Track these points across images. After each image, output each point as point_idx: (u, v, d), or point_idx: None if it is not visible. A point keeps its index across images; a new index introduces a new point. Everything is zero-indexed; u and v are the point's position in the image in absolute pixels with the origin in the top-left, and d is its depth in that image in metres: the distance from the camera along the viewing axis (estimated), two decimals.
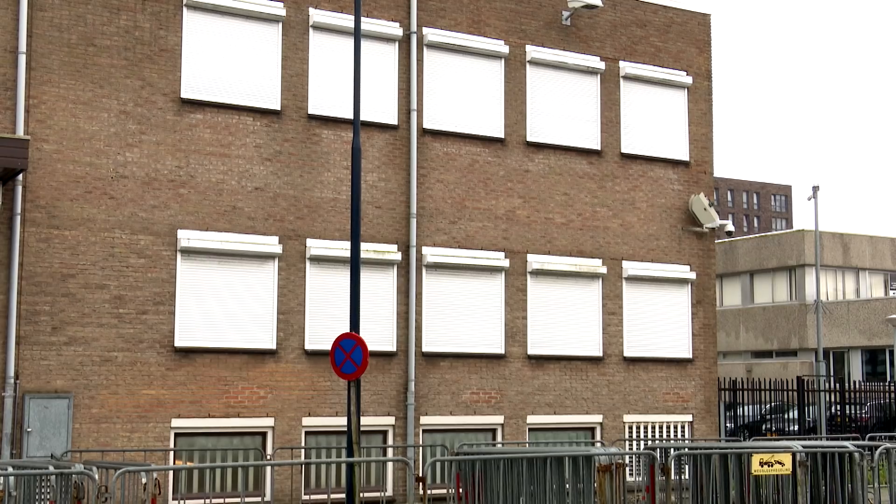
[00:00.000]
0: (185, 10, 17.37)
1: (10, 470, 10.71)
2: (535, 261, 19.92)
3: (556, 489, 12.43)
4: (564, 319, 20.25)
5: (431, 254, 18.97)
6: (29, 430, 15.59)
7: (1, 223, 15.71)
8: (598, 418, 20.31)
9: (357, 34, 14.99)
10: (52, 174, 16.15)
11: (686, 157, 21.91)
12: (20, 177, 15.77)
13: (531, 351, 19.76)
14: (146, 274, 16.67)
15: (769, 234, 50.61)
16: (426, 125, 19.28)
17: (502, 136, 19.96)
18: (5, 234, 15.74)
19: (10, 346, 15.63)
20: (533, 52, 20.31)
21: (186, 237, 16.95)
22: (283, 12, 18.07)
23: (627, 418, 20.63)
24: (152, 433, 16.45)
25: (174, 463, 16.39)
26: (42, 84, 16.21)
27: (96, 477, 10.36)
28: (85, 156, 16.40)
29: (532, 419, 19.64)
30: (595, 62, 20.94)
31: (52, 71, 16.29)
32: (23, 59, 16.05)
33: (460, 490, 13.88)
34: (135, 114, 16.80)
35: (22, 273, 15.81)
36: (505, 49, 20.03)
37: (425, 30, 19.35)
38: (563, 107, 20.70)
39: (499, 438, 19.31)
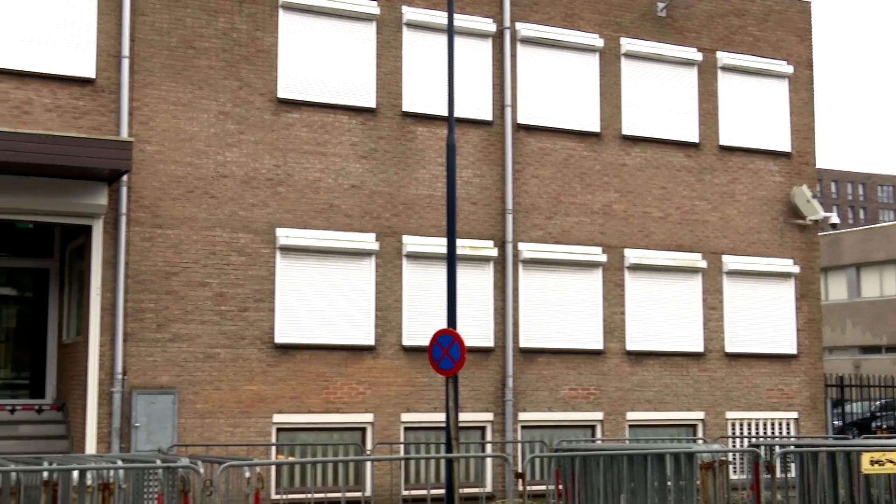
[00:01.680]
0: (280, 11, 17.67)
1: (120, 463, 11.02)
2: (632, 255, 19.79)
3: (658, 486, 12.32)
4: (664, 315, 20.08)
5: (527, 249, 18.99)
6: (137, 424, 16.04)
7: (107, 223, 16.20)
8: (699, 415, 20.09)
9: (450, 31, 15.08)
10: (154, 175, 16.59)
11: (787, 149, 21.54)
12: (125, 178, 16.23)
13: (630, 347, 19.64)
14: (246, 271, 17.02)
15: (876, 225, 49.41)
16: (521, 120, 19.29)
17: (598, 130, 19.87)
18: (111, 233, 16.22)
19: (118, 343, 16.11)
20: (628, 44, 20.18)
21: (285, 235, 17.25)
22: (377, 11, 18.26)
23: (730, 415, 20.37)
24: (254, 428, 16.79)
25: (276, 458, 16.69)
26: (144, 87, 16.66)
27: (201, 471, 10.62)
28: (186, 156, 16.81)
29: (632, 415, 19.53)
30: (692, 53, 20.72)
31: (154, 74, 16.73)
32: (126, 64, 16.51)
33: (560, 486, 13.86)
34: (233, 114, 17.16)
35: (128, 272, 16.28)
36: (599, 42, 19.94)
37: (518, 25, 19.36)
38: (659, 99, 20.52)
39: (598, 435, 19.24)
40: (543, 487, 15.39)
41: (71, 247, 17.68)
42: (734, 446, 19.55)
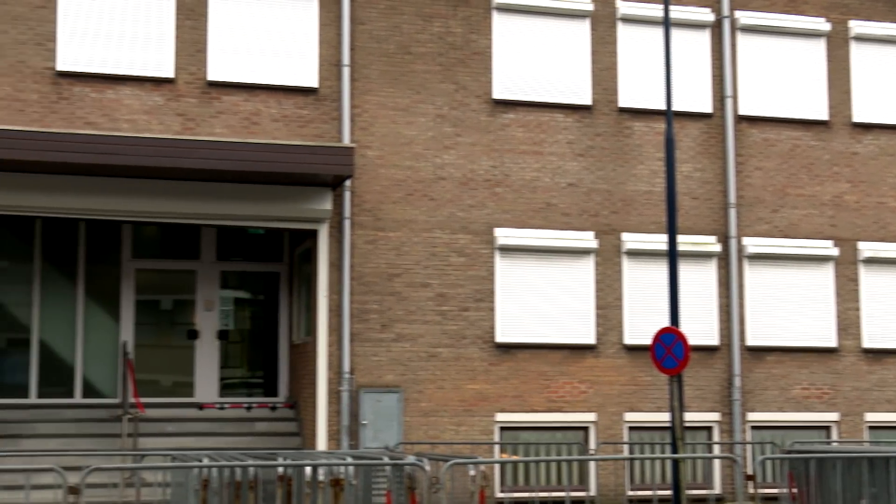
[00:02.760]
0: (494, 12, 17.79)
1: (350, 460, 11.35)
2: (867, 248, 18.84)
3: None
4: None
5: (753, 244, 18.38)
6: (364, 422, 16.48)
7: (332, 227, 16.74)
8: None
9: (667, 23, 14.79)
10: (375, 179, 17.02)
11: None
12: (348, 182, 16.72)
13: (867, 344, 18.70)
14: (466, 272, 17.22)
15: None
16: (742, 111, 18.71)
17: (826, 118, 19.03)
18: (336, 237, 16.75)
19: (345, 344, 16.61)
20: (857, 27, 19.23)
21: (503, 235, 17.35)
22: (590, 7, 18.12)
23: None
24: (477, 426, 16.95)
25: (500, 456, 16.81)
26: (364, 94, 17.13)
27: (427, 468, 10.81)
28: (405, 160, 17.16)
29: (871, 416, 18.58)
30: None
31: (373, 80, 17.18)
32: (346, 72, 17.01)
33: (793, 489, 13.35)
34: (450, 117, 17.40)
35: (352, 274, 16.77)
36: (826, 26, 19.09)
37: (738, 13, 18.78)
38: (893, 84, 19.46)
39: (833, 436, 18.41)
40: (775, 490, 14.84)
41: (299, 251, 18.36)
42: None
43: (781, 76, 19.03)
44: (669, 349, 13.84)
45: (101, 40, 16.39)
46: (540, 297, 17.55)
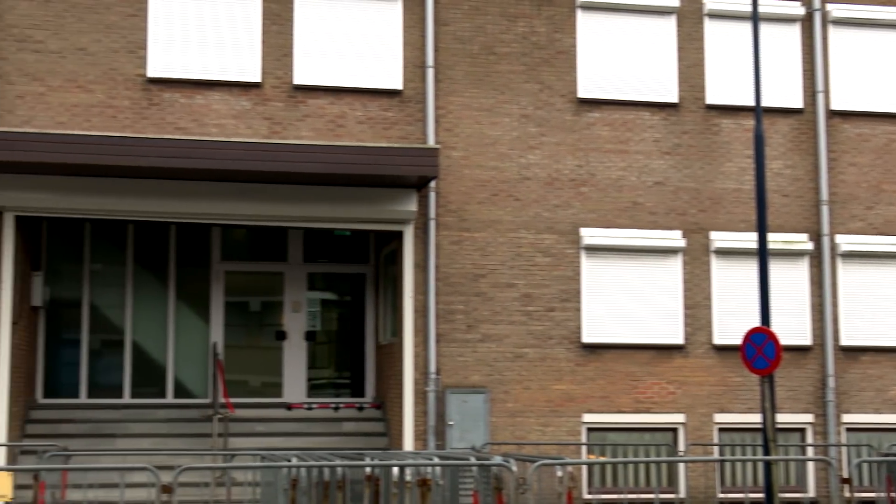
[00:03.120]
0: (578, 11, 17.68)
1: (436, 460, 11.37)
2: None
3: None
4: None
5: (846, 242, 17.97)
6: (451, 423, 16.50)
7: (417, 228, 16.79)
8: None
9: (755, 18, 14.52)
10: (460, 179, 17.03)
11: None
12: (432, 184, 16.76)
13: None
14: (551, 272, 17.14)
15: None
16: (834, 106, 18.29)
17: None
18: (422, 238, 16.80)
19: (431, 344, 16.65)
20: None
21: (589, 235, 17.23)
22: (676, 3, 17.90)
23: None
24: (564, 427, 16.85)
25: (587, 457, 16.69)
26: (448, 95, 17.15)
27: (514, 469, 10.75)
28: (490, 160, 17.15)
29: None
30: None
31: (457, 81, 17.19)
32: (430, 73, 17.05)
33: (892, 494, 13.01)
34: (535, 117, 17.34)
35: (438, 275, 16.81)
36: None
37: (829, 6, 18.38)
38: None
39: None
40: (872, 494, 14.48)
41: (384, 252, 18.46)
42: None
43: (875, 69, 18.58)
44: (760, 349, 13.62)
45: (189, 47, 16.69)
46: (626, 296, 17.39)
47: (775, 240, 17.23)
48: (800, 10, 18.26)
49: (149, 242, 18.58)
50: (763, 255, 14.20)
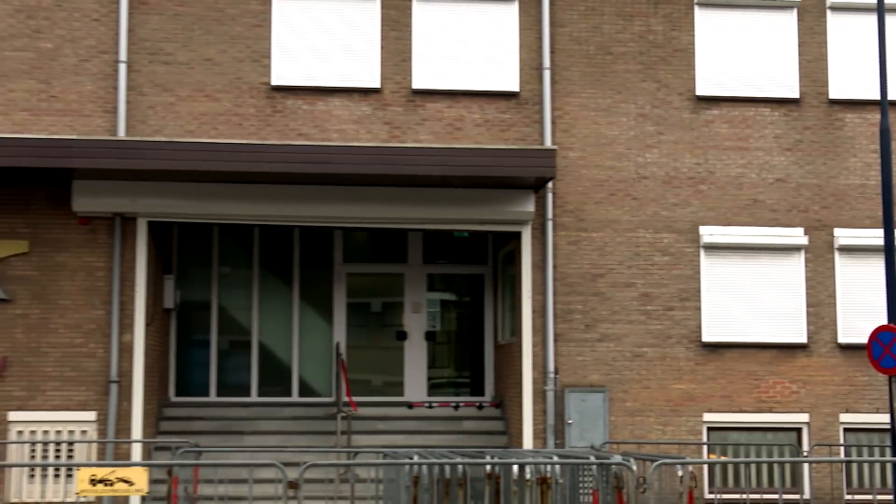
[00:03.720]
0: (696, 8, 17.48)
1: (556, 459, 11.41)
2: None
3: None
4: None
5: None
6: (570, 421, 16.49)
7: (535, 229, 16.83)
8: None
9: (881, 9, 14.18)
10: (577, 180, 17.02)
11: None
12: (550, 184, 16.79)
13: None
14: (670, 271, 16.99)
15: None
16: None
17: None
18: (539, 238, 16.84)
19: (549, 343, 16.67)
20: None
21: (709, 233, 17.03)
22: None
23: None
24: (684, 427, 16.69)
25: (708, 457, 16.50)
26: (565, 96, 17.15)
27: (634, 468, 10.74)
28: (607, 160, 17.09)
29: None
30: None
31: (574, 82, 17.18)
32: (547, 75, 17.07)
33: None
34: (652, 115, 17.22)
35: (556, 275, 16.82)
36: None
37: None
38: None
39: None
40: None
41: (502, 252, 18.54)
42: None
43: None
44: (888, 348, 13.33)
45: (311, 55, 16.99)
46: (747, 295, 17.14)
47: None
48: None
49: (274, 246, 19.00)
50: (890, 251, 13.87)
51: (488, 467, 11.00)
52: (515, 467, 10.97)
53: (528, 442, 16.36)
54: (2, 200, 16.22)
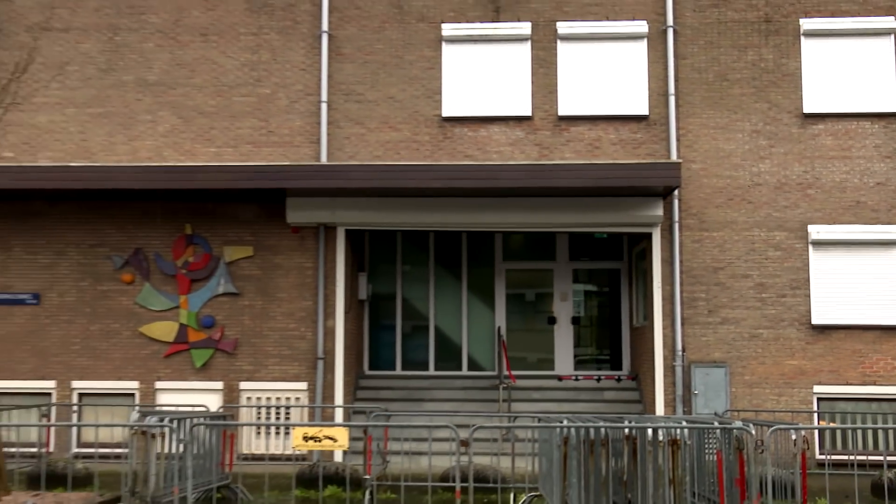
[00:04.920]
0: (803, 38, 16.96)
1: (685, 424, 11.30)
2: None
3: None
4: None
5: None
6: (696, 392, 16.26)
7: (663, 230, 16.65)
8: None
9: None
10: (699, 188, 16.75)
11: None
12: (676, 192, 16.58)
13: None
14: (782, 264, 16.55)
15: None
16: None
17: None
18: (667, 238, 16.65)
19: (677, 326, 16.46)
20: None
21: (816, 231, 16.52)
22: (894, 25, 16.84)
23: None
24: (797, 397, 16.23)
25: (819, 423, 16.00)
26: (687, 117, 16.90)
27: (753, 432, 10.55)
28: (725, 170, 16.77)
29: None
30: None
31: (695, 105, 16.91)
32: (672, 100, 16.86)
33: None
34: (764, 131, 16.80)
35: (682, 268, 16.60)
36: None
37: None
38: None
39: None
40: None
41: (636, 250, 18.39)
42: None
43: None
44: None
45: (474, 90, 17.17)
46: (852, 283, 16.53)
47: None
48: None
49: (446, 247, 19.30)
50: None
51: (627, 430, 10.97)
52: (650, 430, 10.91)
53: (660, 409, 16.22)
54: (231, 215, 16.99)
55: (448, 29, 17.14)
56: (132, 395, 16.72)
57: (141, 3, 17.50)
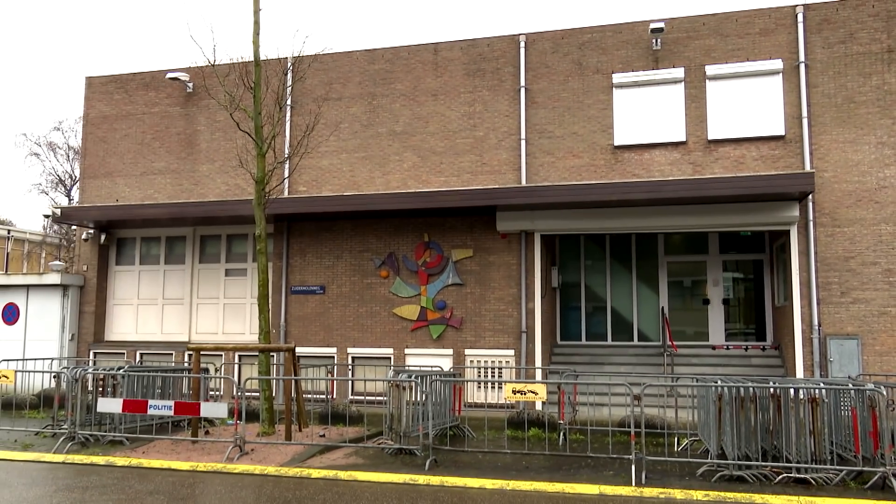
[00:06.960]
0: None
1: (822, 385, 10.50)
2: None
3: None
4: None
5: None
6: (831, 360, 15.02)
7: (800, 227, 15.48)
8: None
9: None
10: (830, 192, 15.44)
11: None
12: (810, 196, 15.38)
13: None
14: None
15: None
16: None
17: None
18: (803, 234, 15.46)
19: (814, 305, 15.26)
20: None
21: None
22: None
23: None
24: None
25: None
26: (819, 134, 15.64)
27: (884, 392, 9.65)
28: (854, 177, 15.36)
29: None
30: None
31: (826, 124, 15.61)
32: (805, 122, 15.67)
33: None
34: (888, 143, 15.24)
35: (816, 258, 15.38)
36: None
37: None
38: None
39: None
40: None
41: (776, 244, 17.23)
42: None
43: None
44: None
45: (639, 123, 16.78)
46: None
47: None
48: None
49: (619, 246, 18.95)
50: None
51: (772, 389, 10.34)
52: (792, 389, 10.22)
53: (799, 374, 15.14)
54: (457, 226, 17.44)
55: (617, 77, 16.77)
56: (389, 358, 17.51)
57: (390, 76, 18.31)
